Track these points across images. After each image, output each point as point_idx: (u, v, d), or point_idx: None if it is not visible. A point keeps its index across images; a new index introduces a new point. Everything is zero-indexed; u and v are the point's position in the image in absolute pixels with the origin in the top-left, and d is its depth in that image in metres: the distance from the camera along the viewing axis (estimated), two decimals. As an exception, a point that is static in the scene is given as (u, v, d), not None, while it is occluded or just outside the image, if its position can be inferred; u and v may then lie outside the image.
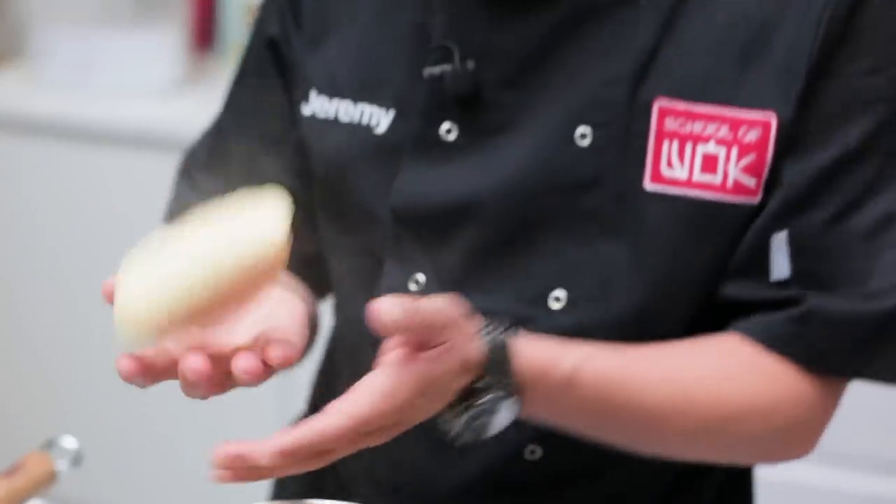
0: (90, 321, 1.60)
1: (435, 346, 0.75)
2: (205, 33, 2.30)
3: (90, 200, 2.03)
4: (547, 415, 0.84)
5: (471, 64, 0.89)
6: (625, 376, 0.84)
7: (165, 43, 2.10)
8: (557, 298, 0.89)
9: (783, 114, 0.85)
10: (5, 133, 2.05)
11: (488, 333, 0.79)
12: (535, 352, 0.81)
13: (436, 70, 0.89)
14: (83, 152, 2.01)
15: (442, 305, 0.75)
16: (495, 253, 0.90)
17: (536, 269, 0.89)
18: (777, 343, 0.86)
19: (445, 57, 0.89)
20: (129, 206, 2.02)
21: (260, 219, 0.75)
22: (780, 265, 0.86)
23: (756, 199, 0.86)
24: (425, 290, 0.91)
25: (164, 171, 1.96)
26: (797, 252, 0.86)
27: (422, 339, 0.75)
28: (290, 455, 0.73)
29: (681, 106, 0.86)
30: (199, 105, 2.06)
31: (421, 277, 0.92)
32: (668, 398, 0.85)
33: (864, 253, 0.85)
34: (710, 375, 0.86)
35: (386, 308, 0.72)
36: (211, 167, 1.05)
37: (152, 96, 2.07)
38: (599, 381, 0.83)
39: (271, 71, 1.01)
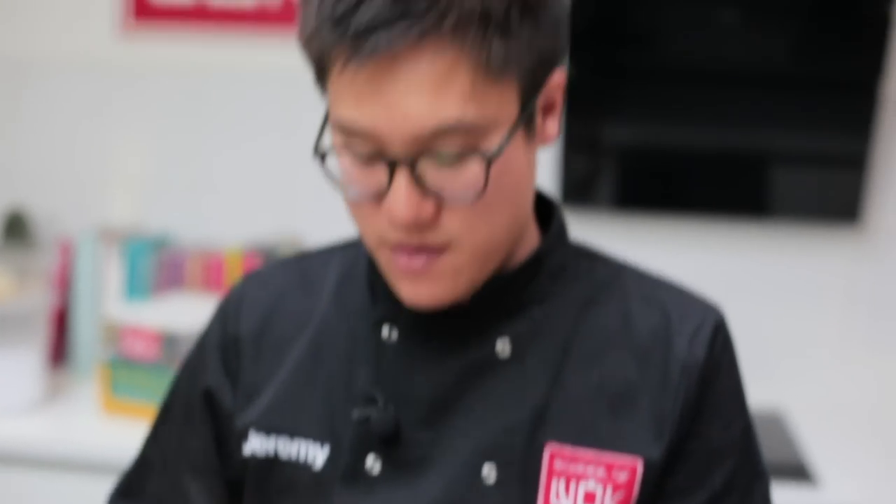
0: None
1: None
2: (58, 351, 2.39)
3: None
4: None
5: (391, 408, 1.05)
6: None
7: (25, 364, 2.16)
8: None
9: (650, 458, 1.03)
10: None
11: None
12: None
13: (363, 413, 1.05)
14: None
15: None
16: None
17: None
18: None
19: (371, 401, 1.06)
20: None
21: None
22: None
23: None
24: None
25: (28, 486, 2.01)
26: None
27: None
28: None
29: (567, 450, 1.03)
30: (57, 422, 2.14)
31: None
32: None
33: None
34: None
35: None
36: (129, 496, 1.17)
37: (14, 415, 2.13)
38: None
39: (202, 417, 1.14)
